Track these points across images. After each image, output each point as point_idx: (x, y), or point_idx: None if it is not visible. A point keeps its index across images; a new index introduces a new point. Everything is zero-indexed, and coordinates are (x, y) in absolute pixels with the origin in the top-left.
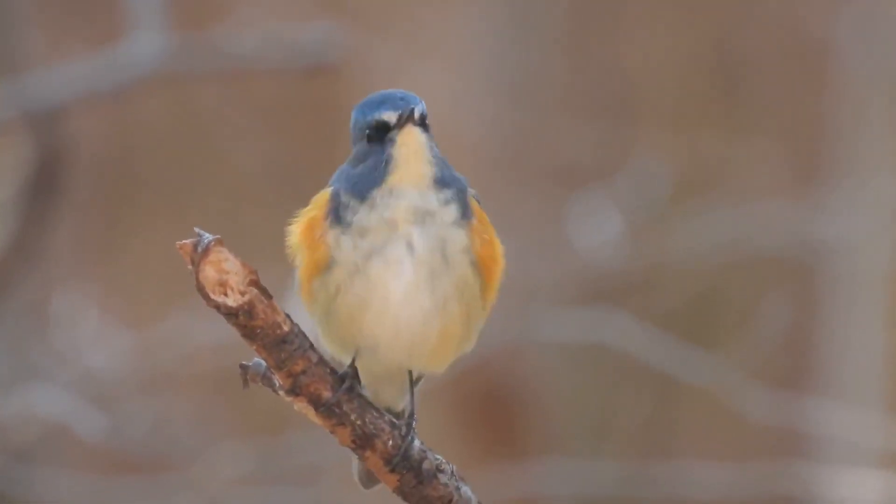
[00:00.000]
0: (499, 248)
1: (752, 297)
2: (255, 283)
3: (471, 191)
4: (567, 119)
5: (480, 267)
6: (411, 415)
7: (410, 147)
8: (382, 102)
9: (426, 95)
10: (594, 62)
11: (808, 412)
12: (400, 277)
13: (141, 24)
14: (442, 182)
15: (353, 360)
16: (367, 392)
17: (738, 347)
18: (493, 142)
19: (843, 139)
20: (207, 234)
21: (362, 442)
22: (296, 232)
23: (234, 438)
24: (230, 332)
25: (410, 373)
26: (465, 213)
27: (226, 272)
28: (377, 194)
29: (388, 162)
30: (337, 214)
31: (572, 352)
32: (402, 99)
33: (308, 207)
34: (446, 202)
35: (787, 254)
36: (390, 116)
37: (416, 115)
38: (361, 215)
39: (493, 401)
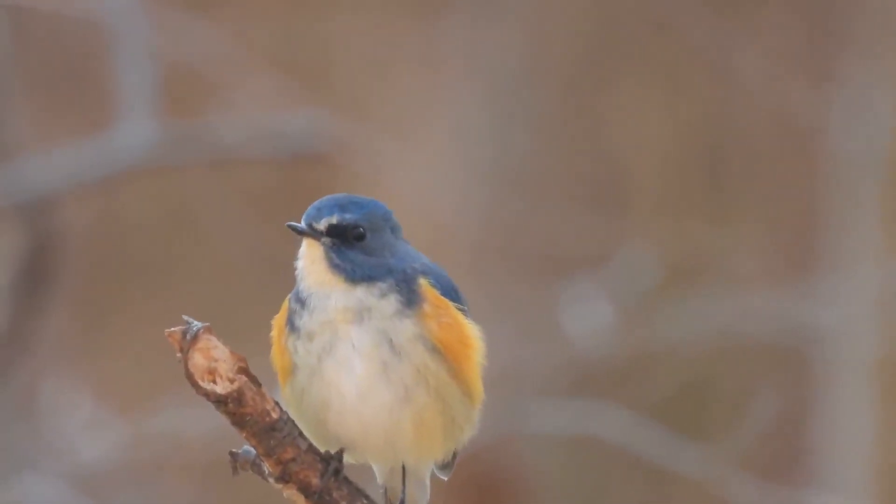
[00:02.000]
0: (468, 330)
1: (742, 386)
2: (244, 371)
3: (427, 279)
4: (555, 206)
5: (444, 351)
6: (402, 502)
7: (307, 259)
8: (311, 206)
9: (415, 183)
10: (582, 149)
11: (800, 502)
12: (351, 375)
13: (130, 113)
14: (360, 277)
15: (342, 449)
16: (380, 481)
17: (728, 436)
18: (481, 228)
19: (832, 225)
20: (196, 322)
21: None
22: (272, 338)
23: None
24: (220, 420)
25: (403, 466)
26: (411, 300)
27: (215, 360)
28: (310, 299)
29: (297, 269)
30: (291, 320)
31: (563, 441)
32: (320, 209)
33: (278, 313)
34: (382, 295)
35: (778, 341)
36: (298, 226)
37: (319, 228)
38: (305, 320)
39: (483, 490)
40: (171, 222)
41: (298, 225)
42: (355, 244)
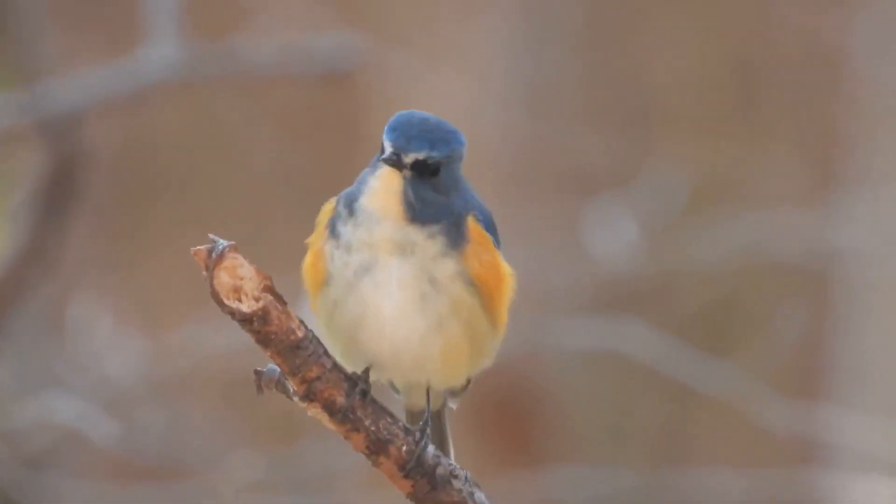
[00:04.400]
0: (504, 270)
1: (767, 305)
2: (269, 289)
3: (474, 214)
4: (583, 127)
5: (479, 286)
6: (426, 421)
7: (383, 183)
8: (399, 129)
9: (443, 104)
10: (611, 71)
11: (823, 420)
12: (390, 299)
13: (158, 32)
14: (423, 219)
15: (368, 368)
16: (399, 396)
17: (753, 355)
18: (510, 150)
19: (858, 147)
20: (222, 241)
21: (376, 448)
22: (309, 242)
23: (248, 445)
24: (244, 339)
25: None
26: (456, 242)
27: (240, 278)
28: (360, 212)
29: (367, 185)
30: (334, 224)
31: (588, 359)
32: (409, 140)
33: (320, 214)
34: (430, 236)
35: (803, 261)
36: (389, 147)
37: (405, 163)
38: (349, 229)
39: (508, 407)
40: (198, 141)
41: (389, 156)
42: (429, 179)
